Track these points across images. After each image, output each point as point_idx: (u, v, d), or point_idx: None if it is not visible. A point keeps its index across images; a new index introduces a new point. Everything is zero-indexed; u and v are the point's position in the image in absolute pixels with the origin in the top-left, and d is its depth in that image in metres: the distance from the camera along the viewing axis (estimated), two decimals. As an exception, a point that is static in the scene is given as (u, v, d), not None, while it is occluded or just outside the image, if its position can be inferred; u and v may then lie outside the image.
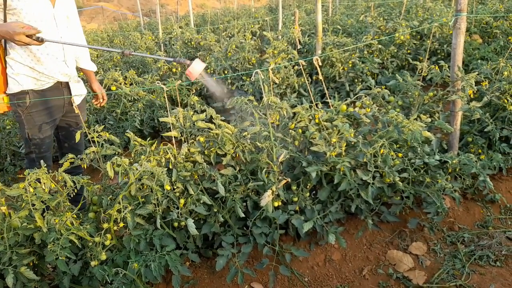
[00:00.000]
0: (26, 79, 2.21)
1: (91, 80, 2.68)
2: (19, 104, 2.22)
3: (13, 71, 2.18)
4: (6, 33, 1.92)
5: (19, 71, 2.18)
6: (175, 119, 2.22)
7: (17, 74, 2.19)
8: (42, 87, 2.28)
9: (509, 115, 2.85)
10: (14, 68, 2.18)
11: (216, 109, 4.55)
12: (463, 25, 2.44)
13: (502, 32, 5.36)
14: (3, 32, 1.93)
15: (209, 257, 2.36)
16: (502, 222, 2.61)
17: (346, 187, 2.10)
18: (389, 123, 2.22)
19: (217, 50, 5.09)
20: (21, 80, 2.20)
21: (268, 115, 2.18)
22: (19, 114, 2.26)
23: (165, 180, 1.75)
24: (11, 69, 2.18)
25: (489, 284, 2.09)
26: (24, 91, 2.21)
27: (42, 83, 2.27)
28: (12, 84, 2.20)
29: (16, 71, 2.18)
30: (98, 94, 2.67)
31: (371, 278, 2.25)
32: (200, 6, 24.51)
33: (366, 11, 7.51)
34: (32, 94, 2.24)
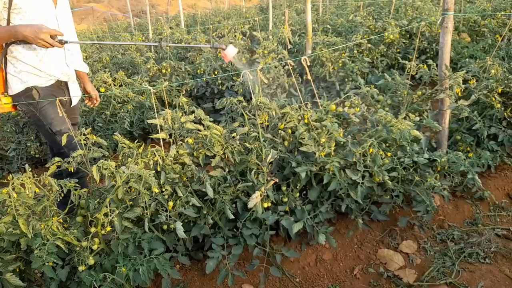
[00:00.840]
0: (29, 76, 2.20)
1: (84, 81, 2.67)
2: (30, 102, 2.20)
3: (15, 69, 2.16)
4: (31, 32, 1.93)
5: (21, 68, 2.17)
6: (163, 121, 2.20)
7: (20, 72, 2.17)
8: (46, 84, 2.27)
9: (497, 113, 2.87)
10: (17, 66, 2.16)
11: (207, 109, 4.53)
12: (450, 24, 2.46)
13: (490, 31, 5.42)
14: (27, 31, 1.93)
15: (199, 259, 2.34)
16: (491, 219, 2.63)
17: (335, 187, 2.10)
18: (378, 122, 2.22)
19: (207, 50, 5.08)
20: (23, 77, 2.18)
21: (257, 115, 2.17)
22: (33, 112, 2.23)
23: (153, 183, 1.73)
24: (14, 67, 2.16)
25: (479, 281, 2.10)
26: (29, 88, 2.20)
27: (45, 80, 2.26)
28: (15, 83, 2.18)
29: (18, 69, 2.17)
30: (92, 95, 2.67)
31: (362, 278, 2.26)
32: (191, 7, 24.41)
33: (356, 11, 7.54)
34: (38, 89, 2.23)
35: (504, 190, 2.87)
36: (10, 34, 1.98)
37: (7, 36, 1.99)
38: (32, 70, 2.20)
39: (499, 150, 2.91)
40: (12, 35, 1.98)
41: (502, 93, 2.92)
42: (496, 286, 2.07)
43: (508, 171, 2.97)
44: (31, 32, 1.93)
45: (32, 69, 2.19)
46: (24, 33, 1.94)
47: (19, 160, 3.87)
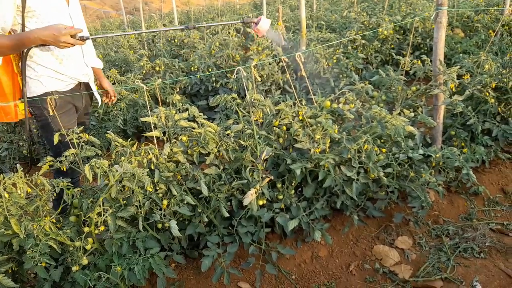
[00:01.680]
0: (50, 80, 2.14)
1: (100, 77, 2.63)
2: (45, 106, 2.11)
3: (36, 73, 2.10)
4: (50, 36, 1.84)
5: (42, 73, 2.11)
6: (157, 119, 2.17)
7: (40, 76, 2.11)
8: (66, 88, 2.23)
9: (491, 108, 2.88)
10: (37, 70, 2.10)
11: (201, 107, 4.50)
12: (444, 19, 2.45)
13: (483, 26, 5.43)
14: (45, 35, 1.84)
15: (195, 258, 2.33)
16: (486, 214, 2.64)
17: (330, 183, 2.09)
18: (373, 118, 2.22)
19: (200, 47, 5.04)
20: (44, 81, 2.12)
21: (251, 112, 2.15)
22: (45, 117, 2.16)
23: (146, 181, 1.71)
24: (34, 71, 2.09)
25: (474, 275, 2.11)
26: (49, 92, 2.14)
27: (66, 84, 2.22)
28: (35, 86, 2.12)
29: (39, 73, 2.10)
30: (109, 92, 2.64)
31: (358, 274, 2.26)
32: (185, 4, 24.29)
33: (350, 7, 7.53)
34: (56, 95, 2.16)
35: (499, 185, 2.88)
36: (29, 41, 1.89)
37: (27, 42, 1.89)
38: (53, 74, 2.14)
39: (493, 145, 2.92)
40: (31, 41, 1.89)
41: (495, 88, 2.93)
42: (491, 280, 2.08)
43: (502, 166, 2.98)
44: (50, 35, 1.84)
45: (53, 73, 2.14)
46: (43, 38, 1.85)
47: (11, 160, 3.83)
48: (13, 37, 1.91)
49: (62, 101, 2.20)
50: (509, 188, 2.83)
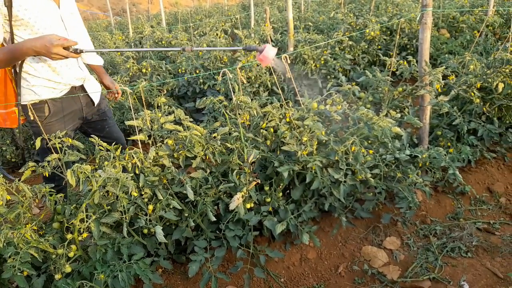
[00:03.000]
0: (43, 89, 2.10)
1: (101, 75, 2.56)
2: (38, 114, 2.08)
3: (28, 83, 2.05)
4: (42, 47, 1.78)
5: (34, 83, 2.06)
6: (142, 122, 2.14)
7: (33, 86, 2.07)
8: (60, 95, 2.18)
9: (476, 108, 2.90)
10: (29, 80, 2.05)
11: (189, 109, 4.47)
12: (429, 20, 2.47)
13: (468, 27, 5.50)
14: (38, 47, 1.78)
15: (182, 263, 2.30)
16: (472, 213, 2.66)
17: (318, 185, 2.08)
18: (360, 120, 2.22)
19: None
20: (38, 91, 2.08)
21: (238, 115, 2.13)
22: (36, 124, 2.11)
23: (130, 186, 1.67)
24: (26, 81, 2.05)
25: (461, 275, 2.12)
26: (42, 101, 2.11)
27: (60, 91, 2.17)
28: (28, 94, 2.08)
29: (31, 83, 2.06)
30: (111, 89, 2.57)
31: (347, 275, 2.25)
32: (173, 5, 24.17)
33: (338, 8, 7.56)
34: (50, 103, 2.13)
35: (485, 184, 2.91)
36: (22, 52, 1.83)
37: (20, 54, 1.84)
38: (47, 84, 2.10)
39: (479, 145, 2.95)
40: (24, 53, 1.83)
41: (480, 88, 2.96)
42: (478, 279, 2.09)
43: (488, 165, 3.01)
44: (42, 47, 1.78)
45: (46, 82, 2.09)
46: (35, 49, 1.79)
47: (-5, 165, 3.75)
48: (5, 50, 1.85)
49: (57, 108, 2.16)
50: (495, 187, 2.86)
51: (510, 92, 2.88)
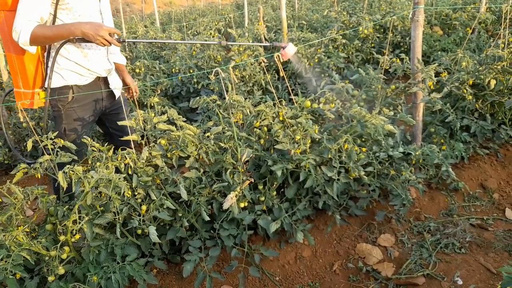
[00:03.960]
0: (71, 74, 2.20)
1: (123, 73, 2.68)
2: (60, 98, 2.20)
3: (58, 66, 2.16)
4: (92, 29, 1.92)
5: (64, 66, 2.17)
6: (134, 122, 2.13)
7: (62, 69, 2.18)
8: (85, 82, 2.28)
9: (469, 104, 2.92)
10: (60, 63, 2.16)
11: (183, 109, 4.46)
12: (421, 18, 2.47)
13: (461, 24, 5.53)
14: (87, 28, 1.93)
15: (177, 263, 2.29)
16: (466, 210, 2.68)
17: (312, 184, 2.08)
18: (353, 118, 2.22)
19: (181, 48, 4.99)
20: (65, 75, 2.19)
21: (231, 114, 2.13)
22: (58, 108, 2.22)
23: (123, 187, 1.67)
24: (57, 63, 2.16)
25: (455, 271, 2.13)
26: (68, 86, 2.21)
27: (86, 79, 2.27)
28: (57, 78, 2.19)
29: (61, 66, 2.17)
30: (131, 87, 2.70)
31: (342, 273, 2.26)
32: (167, 4, 24.06)
33: (331, 6, 7.57)
34: (75, 89, 2.23)
35: (478, 180, 2.93)
36: (70, 32, 1.96)
37: (67, 33, 1.97)
38: (75, 68, 2.20)
39: (472, 141, 2.96)
40: (71, 32, 1.96)
41: (473, 85, 2.98)
42: (472, 275, 2.11)
43: (481, 162, 3.03)
44: (91, 29, 1.92)
45: (76, 67, 2.20)
46: (84, 30, 1.93)
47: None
48: (55, 28, 2.00)
49: (80, 96, 2.26)
50: (488, 183, 2.88)
51: (502, 88, 2.90)
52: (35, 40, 1.99)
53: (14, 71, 2.17)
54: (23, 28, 1.95)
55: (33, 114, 3.93)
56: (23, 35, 1.96)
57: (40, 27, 1.98)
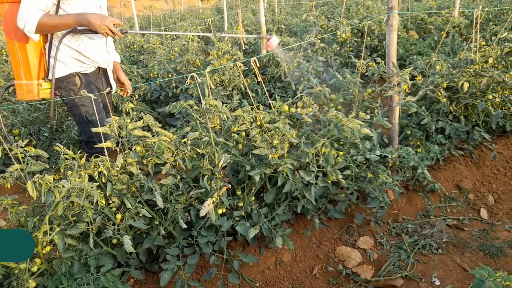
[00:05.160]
0: (73, 62, 2.29)
1: (118, 70, 2.72)
2: (71, 88, 2.30)
3: (61, 54, 2.24)
4: (97, 18, 2.03)
5: (67, 54, 2.25)
6: (109, 129, 2.08)
7: (65, 57, 2.25)
8: (87, 71, 2.37)
9: (443, 107, 2.98)
10: (63, 51, 2.24)
11: (162, 114, 4.40)
12: (395, 22, 2.51)
13: (436, 28, 5.66)
14: (92, 18, 2.03)
15: (155, 272, 2.25)
16: (442, 210, 2.72)
17: (290, 188, 2.07)
18: (330, 122, 2.23)
19: (160, 53, 4.93)
20: (68, 63, 2.27)
21: (208, 119, 2.11)
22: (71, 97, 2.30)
23: (95, 196, 1.62)
24: (60, 52, 2.24)
25: (432, 272, 2.16)
26: (72, 73, 2.30)
27: (87, 67, 2.36)
28: (60, 68, 2.27)
29: (64, 54, 2.25)
30: (125, 85, 2.75)
31: (322, 277, 2.26)
32: (147, 8, 23.82)
33: (311, 10, 7.63)
34: (80, 74, 2.33)
35: (453, 181, 2.98)
36: (76, 21, 2.06)
37: (74, 22, 2.07)
38: (77, 56, 2.29)
39: (447, 143, 3.02)
40: (78, 22, 2.06)
41: (447, 88, 3.04)
42: (449, 275, 2.14)
43: (456, 163, 3.09)
44: (98, 19, 2.03)
45: (77, 54, 2.28)
46: (90, 20, 2.02)
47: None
48: (61, 17, 2.09)
49: (87, 81, 2.36)
50: (463, 184, 2.94)
51: (475, 91, 2.97)
52: (41, 28, 2.06)
53: (16, 62, 2.21)
54: (30, 16, 2.02)
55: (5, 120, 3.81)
56: (29, 23, 2.03)
57: (47, 15, 2.06)
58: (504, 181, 3.02)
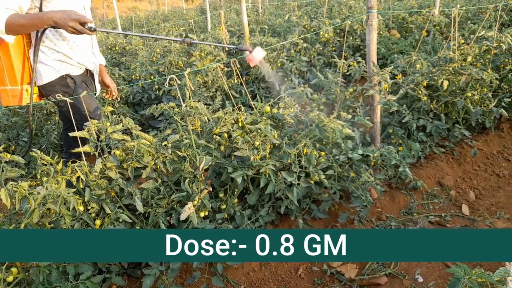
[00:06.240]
0: (62, 64, 2.27)
1: (103, 73, 2.69)
2: (65, 90, 2.27)
3: (48, 58, 2.21)
4: (61, 18, 1.95)
5: (54, 57, 2.23)
6: (87, 133, 2.04)
7: (52, 60, 2.23)
8: (77, 73, 2.36)
9: (424, 105, 3.01)
10: (49, 54, 2.21)
11: (145, 116, 4.35)
12: (375, 22, 2.53)
13: (417, 27, 5.73)
14: (57, 17, 1.95)
15: (138, 277, 2.21)
16: (425, 207, 2.75)
17: (272, 189, 2.07)
18: (312, 122, 2.23)
19: (142, 54, 4.87)
20: (57, 66, 2.24)
21: (188, 121, 2.08)
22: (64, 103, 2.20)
23: (72, 202, 1.58)
24: (46, 55, 2.21)
25: (416, 269, 2.18)
26: (63, 76, 2.28)
27: (76, 69, 2.34)
28: (49, 72, 2.23)
29: (51, 58, 2.22)
30: (111, 88, 2.73)
31: (307, 277, 2.25)
32: (131, 9, 23.56)
33: (294, 10, 7.65)
34: (72, 76, 2.31)
35: (435, 178, 3.02)
36: (42, 21, 1.99)
37: (40, 22, 2.00)
38: (64, 59, 2.26)
39: (428, 141, 3.06)
40: (44, 22, 1.99)
41: (427, 86, 3.08)
42: (431, 272, 2.16)
43: (437, 160, 3.13)
44: (61, 18, 1.95)
45: (64, 57, 2.26)
46: (54, 19, 1.96)
47: None
48: (28, 17, 2.03)
49: (79, 81, 2.35)
50: (445, 181, 2.98)
51: (454, 89, 3.02)
52: (10, 29, 1.99)
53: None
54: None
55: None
56: None
57: (15, 15, 1.99)
58: (485, 177, 3.07)
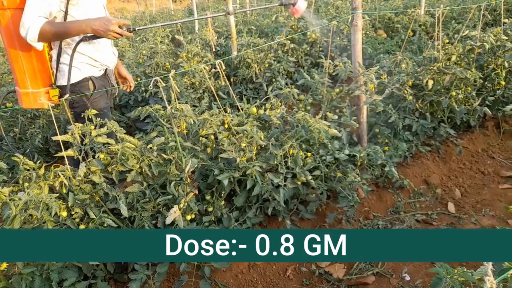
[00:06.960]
0: (87, 67, 2.27)
1: (119, 66, 2.67)
2: (83, 92, 2.26)
3: (75, 61, 2.20)
4: (101, 25, 1.97)
5: (80, 60, 2.22)
6: (71, 137, 2.00)
7: (79, 63, 2.22)
8: (99, 74, 2.35)
9: (409, 105, 3.04)
10: (76, 57, 2.20)
11: (132, 119, 4.30)
12: (360, 22, 2.54)
13: (402, 27, 5.79)
14: (96, 25, 1.97)
15: (124, 282, 2.18)
16: (412, 206, 2.77)
17: (259, 191, 2.06)
18: (298, 123, 2.23)
19: (128, 56, 4.82)
20: (82, 68, 2.25)
21: (174, 124, 2.07)
22: (84, 102, 2.26)
23: (54, 207, 1.55)
24: (74, 59, 2.19)
25: (403, 267, 2.19)
26: (86, 78, 2.27)
27: (99, 70, 2.34)
28: (74, 73, 2.22)
29: (77, 60, 2.21)
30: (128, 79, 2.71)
31: (295, 278, 2.25)
32: (119, 10, 23.37)
33: (281, 11, 7.66)
34: (93, 79, 2.30)
35: (422, 177, 3.05)
36: (80, 29, 2.00)
37: (77, 30, 2.01)
38: (88, 61, 2.26)
39: (414, 140, 3.09)
40: (81, 30, 2.01)
41: (413, 86, 3.11)
42: (418, 270, 2.18)
43: (424, 159, 3.16)
44: (101, 25, 1.97)
45: (89, 59, 2.25)
46: (94, 27, 1.97)
47: None
48: (62, 25, 2.03)
49: (99, 85, 2.33)
50: (431, 179, 3.01)
51: (439, 88, 3.05)
52: (43, 37, 1.99)
53: (20, 71, 2.12)
54: (32, 24, 1.94)
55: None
56: (31, 31, 1.95)
57: (50, 23, 1.99)
58: (470, 175, 3.11)
